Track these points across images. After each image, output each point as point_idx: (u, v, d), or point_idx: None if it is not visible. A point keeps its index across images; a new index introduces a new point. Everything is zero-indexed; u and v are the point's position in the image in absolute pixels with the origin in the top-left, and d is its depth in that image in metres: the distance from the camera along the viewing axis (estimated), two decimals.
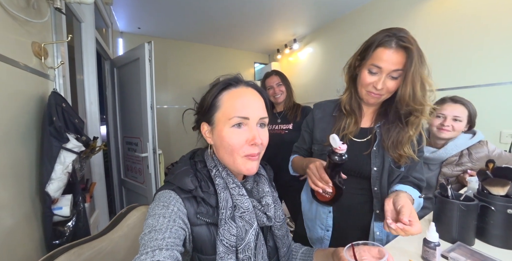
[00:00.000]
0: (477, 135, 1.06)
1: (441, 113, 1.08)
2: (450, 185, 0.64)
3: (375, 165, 0.70)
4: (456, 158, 1.05)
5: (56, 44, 0.91)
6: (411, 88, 0.62)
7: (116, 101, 2.07)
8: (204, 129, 0.55)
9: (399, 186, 0.67)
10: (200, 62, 3.37)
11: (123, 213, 0.84)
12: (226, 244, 0.47)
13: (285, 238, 0.59)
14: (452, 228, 0.61)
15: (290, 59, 3.39)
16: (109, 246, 0.74)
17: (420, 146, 0.70)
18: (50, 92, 0.83)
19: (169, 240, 0.41)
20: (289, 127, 1.50)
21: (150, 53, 1.60)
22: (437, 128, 1.09)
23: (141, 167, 1.86)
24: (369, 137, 0.73)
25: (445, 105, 1.09)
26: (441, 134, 1.07)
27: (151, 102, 1.66)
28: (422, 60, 0.62)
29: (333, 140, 0.55)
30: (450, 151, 1.05)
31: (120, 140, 2.10)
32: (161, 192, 0.50)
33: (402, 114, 0.67)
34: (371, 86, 0.66)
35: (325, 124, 0.81)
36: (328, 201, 0.66)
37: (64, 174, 0.82)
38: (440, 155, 1.06)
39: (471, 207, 0.60)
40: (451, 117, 1.06)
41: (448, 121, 1.06)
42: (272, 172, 0.66)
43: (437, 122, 1.09)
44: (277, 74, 1.57)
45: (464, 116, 1.06)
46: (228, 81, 0.53)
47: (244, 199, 0.51)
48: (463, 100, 1.08)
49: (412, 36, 0.62)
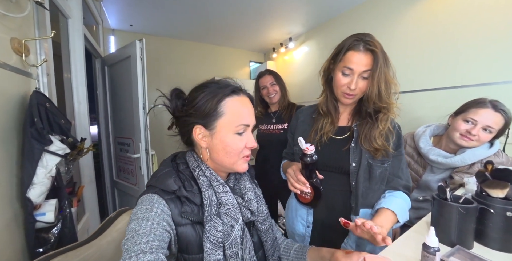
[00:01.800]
0: (495, 145, 0.96)
1: (473, 118, 0.92)
2: (449, 187, 0.62)
3: (353, 160, 0.74)
4: (468, 165, 0.96)
5: (39, 41, 0.86)
6: (377, 88, 0.68)
7: (108, 101, 2.01)
8: (197, 132, 0.54)
9: (385, 201, 0.70)
10: (194, 61, 3.31)
11: (112, 218, 0.81)
12: (213, 240, 0.48)
13: (269, 232, 0.60)
14: (451, 231, 0.60)
15: (286, 58, 3.37)
16: (96, 253, 0.70)
17: (393, 140, 0.74)
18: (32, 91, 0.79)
19: (154, 243, 0.41)
20: (284, 127, 1.48)
21: (141, 51, 1.56)
22: (460, 134, 0.94)
23: (133, 168, 1.82)
24: (347, 134, 0.78)
25: (481, 111, 0.91)
26: (461, 141, 0.94)
27: (143, 102, 1.61)
28: (387, 62, 0.69)
29: (300, 143, 0.61)
30: (467, 161, 0.94)
31: (112, 140, 2.05)
32: (144, 196, 0.50)
33: (372, 111, 0.73)
34: (345, 87, 0.72)
35: (305, 126, 0.86)
36: (310, 202, 0.71)
37: (47, 178, 0.78)
38: (455, 162, 0.95)
39: (470, 209, 0.58)
40: (482, 125, 0.91)
41: (477, 130, 0.91)
42: (253, 170, 0.69)
43: (463, 127, 0.94)
44: (271, 74, 1.55)
45: (497, 128, 0.90)
46: (233, 88, 0.55)
47: (229, 195, 0.53)
48: (505, 109, 0.91)
49: (377, 41, 0.69)
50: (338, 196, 0.77)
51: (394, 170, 0.77)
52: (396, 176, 0.76)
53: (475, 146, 0.95)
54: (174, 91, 0.57)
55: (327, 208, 0.77)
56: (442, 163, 0.98)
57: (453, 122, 1.00)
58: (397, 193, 0.74)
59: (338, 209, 0.76)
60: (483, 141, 0.93)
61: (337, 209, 0.76)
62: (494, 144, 0.96)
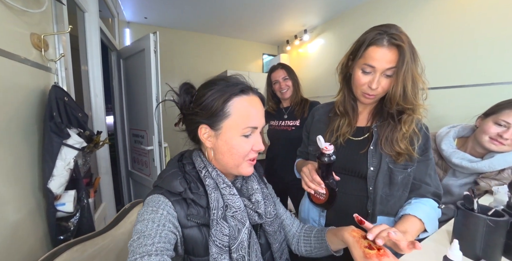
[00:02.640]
0: None
1: (506, 121, 0.86)
2: (477, 197, 0.58)
3: (371, 164, 0.68)
4: (496, 171, 0.89)
5: (57, 36, 0.88)
6: (401, 87, 0.61)
7: (123, 93, 2.05)
8: (202, 132, 0.53)
9: (411, 207, 0.65)
10: (207, 53, 3.29)
11: (126, 209, 0.83)
12: (219, 244, 0.47)
13: (277, 233, 0.59)
14: (476, 244, 0.56)
15: (300, 50, 3.26)
16: (111, 243, 0.73)
17: (419, 143, 0.67)
18: (51, 86, 0.81)
19: (159, 245, 0.41)
20: (296, 124, 1.44)
21: (155, 44, 1.55)
22: (490, 137, 0.89)
23: (147, 160, 1.87)
24: (366, 135, 0.72)
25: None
26: (491, 145, 0.88)
27: (157, 95, 1.63)
28: (414, 58, 0.61)
29: (319, 141, 0.57)
30: (496, 166, 0.87)
31: (127, 132, 2.11)
32: (150, 197, 0.49)
33: (395, 112, 0.66)
34: (366, 87, 0.66)
35: (321, 125, 0.82)
36: (324, 204, 0.67)
37: (66, 170, 0.81)
38: (482, 167, 0.89)
39: (501, 223, 0.54)
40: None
41: (510, 133, 0.84)
42: (262, 168, 0.68)
43: (494, 130, 0.88)
44: (283, 68, 1.49)
45: None
46: (242, 88, 0.52)
47: (236, 198, 0.51)
48: None
49: (404, 33, 0.61)
50: (353, 201, 0.72)
51: (421, 176, 0.70)
52: (424, 182, 0.69)
53: (506, 151, 0.87)
54: (183, 86, 0.55)
55: (340, 212, 0.73)
56: (467, 167, 0.91)
57: (482, 124, 0.93)
58: (425, 200, 0.68)
59: (351, 213, 0.73)
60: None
61: (352, 214, 0.73)
62: None
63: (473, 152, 0.96)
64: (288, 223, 0.67)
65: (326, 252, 0.59)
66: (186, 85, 0.55)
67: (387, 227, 0.50)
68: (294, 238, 0.66)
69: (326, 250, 0.59)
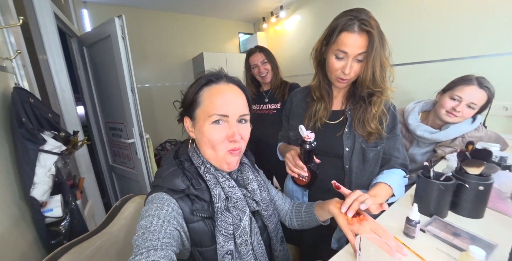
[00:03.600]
0: (477, 120, 1.02)
1: (459, 95, 0.96)
2: (432, 167, 0.68)
3: (347, 145, 0.75)
4: (450, 140, 1.03)
5: (6, 30, 0.76)
6: (371, 72, 0.65)
7: (92, 85, 1.89)
8: (186, 123, 0.57)
9: (382, 176, 0.74)
10: (180, 35, 3.05)
11: (118, 206, 0.84)
12: (225, 233, 0.51)
13: (272, 216, 0.64)
14: (430, 204, 0.68)
15: (277, 28, 3.15)
16: (109, 240, 0.75)
17: (387, 122, 0.74)
18: (12, 88, 0.73)
19: (164, 240, 0.42)
20: (277, 107, 1.46)
21: (122, 29, 1.41)
22: (446, 111, 1.00)
23: (129, 153, 1.81)
24: (341, 118, 0.78)
25: (467, 88, 0.95)
26: (447, 118, 1.00)
27: (131, 85, 1.53)
28: (383, 42, 0.64)
29: (301, 130, 0.62)
30: (450, 136, 1.01)
31: (102, 126, 1.99)
32: (153, 195, 0.50)
33: (366, 95, 0.71)
34: (340, 72, 0.69)
35: (299, 110, 0.86)
36: (306, 184, 0.73)
37: (48, 177, 0.77)
38: (439, 137, 1.02)
39: (449, 186, 0.66)
40: (466, 102, 0.95)
41: (462, 106, 0.96)
42: (253, 157, 0.71)
43: (449, 104, 0.98)
44: (262, 51, 1.45)
45: (480, 104, 0.95)
46: (209, 77, 0.54)
47: (235, 190, 0.54)
48: (489, 86, 0.94)
49: (373, 18, 0.63)
50: (332, 179, 0.78)
51: (390, 150, 0.78)
52: (393, 156, 0.78)
53: (459, 122, 1.00)
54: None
55: (321, 189, 0.80)
56: (428, 138, 1.04)
57: (440, 99, 1.04)
58: (394, 169, 0.77)
59: (333, 191, 0.79)
60: (466, 117, 0.99)
61: (332, 191, 0.78)
62: (476, 119, 1.02)
63: (433, 124, 1.08)
64: (281, 203, 0.73)
65: (316, 223, 0.67)
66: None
67: (359, 195, 0.57)
68: (287, 215, 0.72)
69: (316, 221, 0.66)
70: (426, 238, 0.60)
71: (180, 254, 0.51)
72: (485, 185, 0.65)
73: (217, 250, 0.50)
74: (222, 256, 0.50)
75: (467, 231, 0.60)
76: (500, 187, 0.69)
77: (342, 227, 0.56)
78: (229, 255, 0.51)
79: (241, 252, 0.53)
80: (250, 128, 0.57)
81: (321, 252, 0.84)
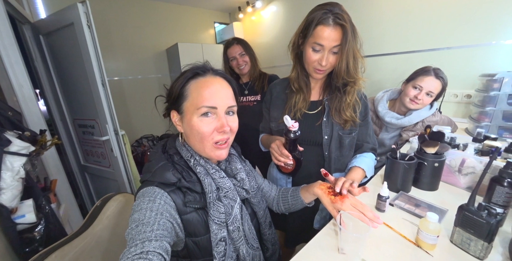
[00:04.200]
0: (434, 106, 1.17)
1: (419, 85, 1.09)
2: (399, 149, 0.78)
3: (325, 133, 0.81)
4: (413, 124, 1.17)
5: None
6: (345, 63, 0.70)
7: (54, 78, 1.71)
8: (174, 117, 0.57)
9: (356, 160, 0.82)
10: (152, 23, 2.86)
11: (98, 206, 0.82)
12: (218, 221, 0.53)
13: (260, 203, 0.68)
14: (397, 181, 0.78)
15: (253, 18, 3.11)
16: (93, 241, 0.73)
17: (360, 110, 0.81)
18: None
19: (158, 232, 0.42)
20: (257, 99, 1.48)
21: (87, 17, 1.29)
22: (410, 99, 1.12)
23: (103, 151, 1.71)
24: (319, 108, 0.83)
25: (426, 78, 1.08)
26: (410, 105, 1.13)
27: (102, 79, 1.42)
28: (355, 35, 0.69)
29: (286, 120, 0.64)
30: (413, 120, 1.14)
31: (70, 123, 1.83)
32: (144, 189, 0.50)
33: (341, 85, 0.76)
34: (317, 63, 0.73)
35: (280, 102, 0.88)
36: (291, 172, 0.78)
37: (16, 181, 0.72)
38: (404, 122, 1.15)
39: (412, 164, 0.76)
40: (426, 91, 1.08)
41: (422, 95, 1.09)
42: (239, 147, 0.73)
43: (412, 93, 1.11)
44: (239, 43, 1.45)
45: (437, 92, 1.10)
46: (195, 70, 0.54)
47: (225, 180, 0.57)
48: (443, 76, 1.09)
49: (346, 12, 0.67)
50: (313, 165, 0.85)
51: (363, 137, 0.86)
52: (365, 141, 0.87)
53: (420, 108, 1.14)
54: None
55: (304, 176, 0.86)
56: (395, 123, 1.17)
57: (404, 88, 1.17)
58: (365, 153, 0.86)
59: (314, 176, 0.83)
60: (426, 104, 1.13)
61: (314, 176, 0.85)
62: (433, 106, 1.17)
63: (399, 111, 1.21)
64: (267, 190, 0.77)
65: (302, 205, 0.72)
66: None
67: (345, 179, 0.64)
68: (274, 200, 0.76)
69: (302, 204, 0.71)
70: (394, 210, 0.69)
71: (174, 246, 0.52)
72: (439, 162, 0.76)
73: (211, 238, 0.53)
74: (216, 243, 0.52)
75: (426, 202, 0.71)
76: (450, 163, 0.82)
77: (326, 205, 0.62)
78: (222, 241, 0.53)
79: (233, 238, 0.56)
80: (237, 120, 0.59)
81: (304, 235, 0.92)
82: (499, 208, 0.58)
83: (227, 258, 0.55)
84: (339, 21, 0.65)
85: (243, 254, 0.57)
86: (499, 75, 1.10)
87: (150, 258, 0.37)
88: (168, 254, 0.41)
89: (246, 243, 0.59)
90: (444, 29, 1.55)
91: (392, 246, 0.55)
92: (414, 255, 0.52)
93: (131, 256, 0.37)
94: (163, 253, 0.40)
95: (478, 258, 0.50)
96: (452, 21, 1.51)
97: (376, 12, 1.88)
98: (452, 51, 1.54)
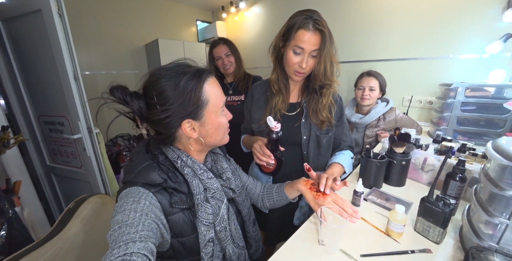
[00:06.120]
0: (390, 103, 1.38)
1: (361, 85, 1.37)
2: (372, 149, 0.87)
3: (304, 134, 0.85)
4: (375, 122, 1.36)
5: None
6: (323, 67, 0.75)
7: (16, 71, 1.55)
8: (186, 127, 0.52)
9: (335, 157, 0.87)
10: (130, 16, 2.71)
11: (71, 209, 0.78)
12: (206, 222, 0.53)
13: (245, 201, 0.69)
14: (370, 178, 0.86)
15: (236, 18, 3.12)
16: (65, 246, 0.69)
17: (335, 111, 0.86)
18: None
19: (142, 233, 0.41)
20: (241, 99, 1.50)
21: (58, 4, 1.20)
22: (360, 98, 1.37)
23: (74, 150, 1.59)
24: (298, 110, 0.87)
25: (363, 79, 1.36)
26: (363, 102, 1.36)
27: (74, 72, 1.33)
28: (332, 41, 0.74)
29: (269, 121, 0.67)
30: (373, 117, 1.34)
31: (33, 119, 1.67)
32: (128, 190, 0.49)
33: (318, 87, 0.81)
34: (297, 66, 0.76)
35: (260, 103, 0.91)
36: (273, 171, 0.79)
37: None
38: (365, 120, 1.35)
39: (383, 163, 0.84)
40: (368, 88, 1.34)
41: (366, 91, 1.34)
42: (224, 147, 0.73)
43: (359, 94, 1.37)
44: (225, 43, 1.47)
45: (377, 86, 1.34)
46: (203, 73, 0.53)
47: (213, 181, 0.57)
48: (375, 74, 1.36)
49: (323, 19, 0.72)
50: (293, 164, 0.88)
51: (340, 136, 0.92)
52: (342, 140, 0.92)
53: (373, 102, 1.37)
54: (124, 91, 0.50)
55: (284, 175, 0.87)
56: (359, 123, 1.38)
57: (355, 93, 1.42)
58: (344, 151, 0.91)
59: (294, 176, 0.85)
60: (374, 97, 1.35)
61: (294, 175, 0.87)
62: (389, 103, 1.37)
63: (362, 111, 1.42)
64: (252, 187, 0.78)
65: (286, 201, 0.74)
66: (126, 90, 0.50)
67: (327, 176, 0.66)
68: (259, 197, 0.78)
69: (286, 200, 0.74)
70: (368, 205, 0.76)
71: (159, 247, 0.51)
72: (406, 161, 0.85)
73: (199, 239, 0.53)
74: (204, 244, 0.53)
75: (395, 196, 0.80)
76: (415, 161, 0.92)
77: (309, 201, 0.65)
78: (210, 242, 0.54)
79: (220, 238, 0.56)
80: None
81: (284, 233, 0.94)
82: (452, 199, 0.67)
83: (215, 258, 0.56)
84: (318, 27, 0.70)
85: (229, 253, 0.58)
86: (455, 85, 1.25)
87: (135, 259, 0.36)
88: (153, 255, 0.40)
89: (233, 242, 0.60)
90: (412, 42, 1.72)
91: (365, 236, 0.61)
92: (384, 243, 0.58)
93: (113, 259, 0.36)
94: (148, 254, 0.39)
95: (436, 242, 0.57)
96: (418, 35, 1.67)
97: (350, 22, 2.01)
98: (417, 61, 1.71)
